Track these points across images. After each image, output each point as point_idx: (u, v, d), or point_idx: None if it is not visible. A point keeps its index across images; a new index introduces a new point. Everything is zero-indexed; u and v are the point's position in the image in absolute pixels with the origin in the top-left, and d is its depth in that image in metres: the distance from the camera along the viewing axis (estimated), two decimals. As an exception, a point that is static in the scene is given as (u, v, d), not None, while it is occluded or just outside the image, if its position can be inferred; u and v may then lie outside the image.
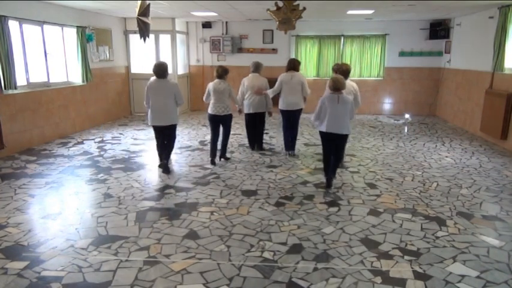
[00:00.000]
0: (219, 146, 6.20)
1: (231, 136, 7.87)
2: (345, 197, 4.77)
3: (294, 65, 6.40)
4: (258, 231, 3.84)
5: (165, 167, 5.66)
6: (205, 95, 6.11)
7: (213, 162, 6.10)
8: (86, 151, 6.91)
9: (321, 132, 5.05)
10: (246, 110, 6.64)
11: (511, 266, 3.26)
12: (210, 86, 5.98)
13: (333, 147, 5.05)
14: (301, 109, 6.45)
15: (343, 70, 5.61)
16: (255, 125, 6.77)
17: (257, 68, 6.60)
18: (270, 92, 6.45)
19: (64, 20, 7.90)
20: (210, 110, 6.03)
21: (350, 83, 5.57)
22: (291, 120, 6.46)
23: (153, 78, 5.47)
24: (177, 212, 4.32)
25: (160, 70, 5.37)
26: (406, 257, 3.38)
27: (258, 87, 6.41)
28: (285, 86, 6.31)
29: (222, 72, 5.94)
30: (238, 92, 6.61)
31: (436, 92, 10.75)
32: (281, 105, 6.42)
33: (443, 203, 4.60)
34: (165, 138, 5.69)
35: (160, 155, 5.76)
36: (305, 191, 4.99)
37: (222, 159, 6.25)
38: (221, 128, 6.14)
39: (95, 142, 7.59)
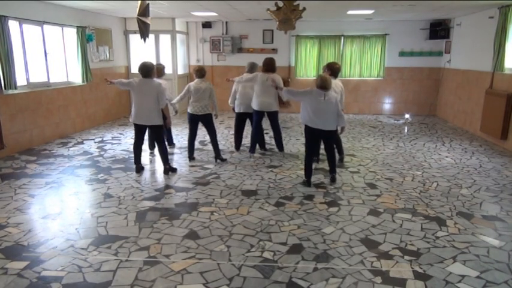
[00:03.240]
0: (196, 145, 6.42)
1: (230, 136, 7.92)
2: (345, 197, 4.77)
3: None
4: (258, 231, 3.84)
5: (169, 170, 5.66)
6: (181, 94, 6.13)
7: (191, 158, 6.30)
8: (86, 151, 6.90)
9: (307, 128, 5.09)
10: (236, 110, 6.70)
11: (511, 266, 3.26)
12: (191, 85, 6.02)
13: (324, 144, 5.21)
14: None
15: (335, 69, 5.75)
16: (243, 125, 6.80)
17: (252, 68, 6.65)
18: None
19: (64, 20, 7.90)
20: (189, 109, 6.12)
21: (337, 82, 5.72)
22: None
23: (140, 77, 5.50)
24: (177, 212, 4.32)
25: (145, 70, 5.40)
26: (406, 257, 3.38)
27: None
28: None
29: (205, 72, 6.06)
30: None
31: (436, 92, 10.75)
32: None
33: (443, 203, 4.60)
34: (153, 139, 5.73)
35: (136, 155, 5.72)
36: (305, 191, 4.99)
37: (218, 160, 6.25)
38: (204, 129, 6.29)
39: (95, 142, 7.59)
